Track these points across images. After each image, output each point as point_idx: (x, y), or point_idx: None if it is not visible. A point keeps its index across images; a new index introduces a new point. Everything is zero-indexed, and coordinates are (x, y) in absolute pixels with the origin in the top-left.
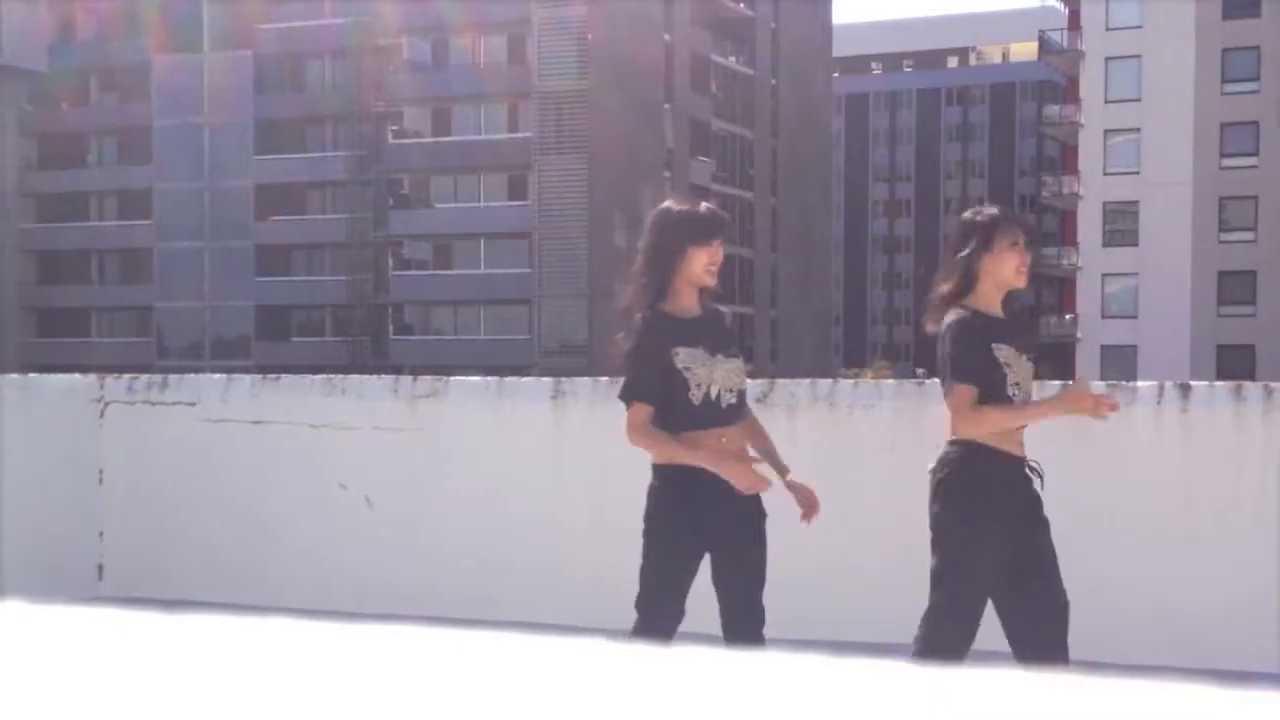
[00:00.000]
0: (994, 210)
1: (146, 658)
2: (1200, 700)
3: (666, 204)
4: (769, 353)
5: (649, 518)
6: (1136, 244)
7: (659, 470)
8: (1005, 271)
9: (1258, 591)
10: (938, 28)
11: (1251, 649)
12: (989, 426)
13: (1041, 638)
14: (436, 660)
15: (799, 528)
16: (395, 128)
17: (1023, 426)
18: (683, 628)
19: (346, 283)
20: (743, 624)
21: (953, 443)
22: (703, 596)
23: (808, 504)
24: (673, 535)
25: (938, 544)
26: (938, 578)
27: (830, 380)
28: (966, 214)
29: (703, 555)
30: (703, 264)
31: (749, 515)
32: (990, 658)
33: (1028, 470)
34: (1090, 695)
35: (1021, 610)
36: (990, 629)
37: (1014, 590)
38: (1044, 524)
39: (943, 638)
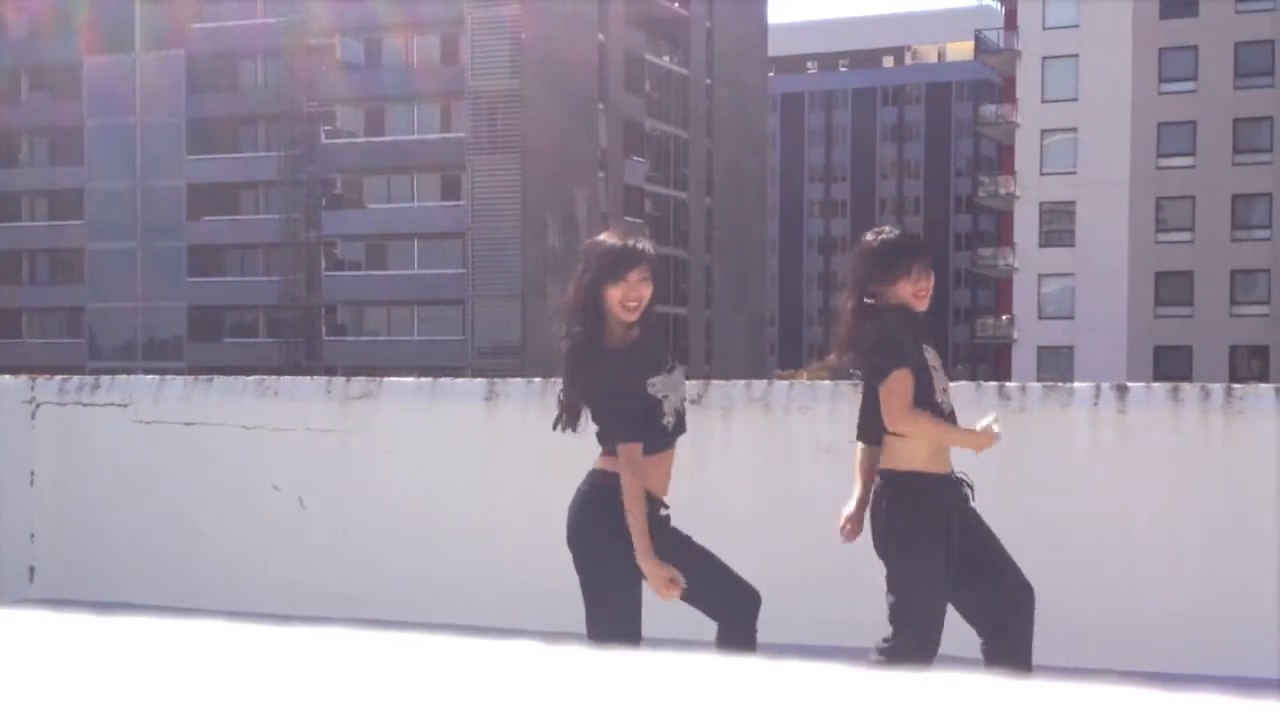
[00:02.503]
0: (892, 235)
1: (78, 659)
2: (1140, 703)
3: (598, 237)
4: (703, 354)
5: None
6: (1073, 244)
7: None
8: (904, 295)
9: (1196, 593)
10: (873, 27)
11: (1190, 651)
12: (920, 431)
13: (1009, 622)
14: (369, 662)
15: (733, 530)
16: (328, 128)
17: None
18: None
19: (279, 283)
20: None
21: (891, 473)
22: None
23: None
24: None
25: (897, 584)
26: (900, 616)
27: (765, 382)
28: (868, 237)
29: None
30: (618, 300)
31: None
32: (948, 662)
33: (957, 483)
34: (1046, 699)
35: (981, 598)
36: (952, 636)
37: (969, 585)
38: (977, 518)
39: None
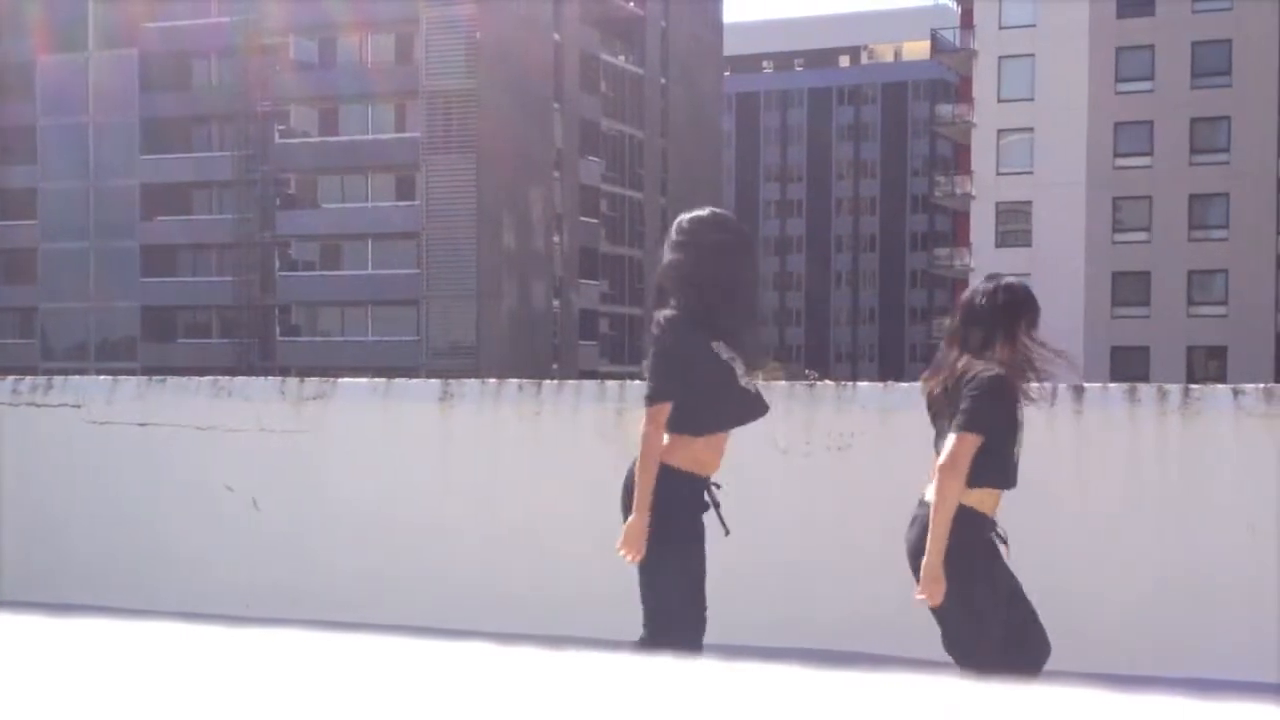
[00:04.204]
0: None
1: (30, 661)
2: (1094, 704)
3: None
4: None
5: (666, 523)
6: (1030, 244)
7: (676, 473)
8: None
9: (1150, 594)
10: (829, 26)
11: (1148, 652)
12: (950, 494)
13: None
14: (323, 663)
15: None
16: (282, 127)
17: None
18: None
19: (233, 284)
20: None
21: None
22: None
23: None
24: (693, 540)
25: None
26: (965, 655)
27: None
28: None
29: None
30: None
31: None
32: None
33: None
34: (1003, 701)
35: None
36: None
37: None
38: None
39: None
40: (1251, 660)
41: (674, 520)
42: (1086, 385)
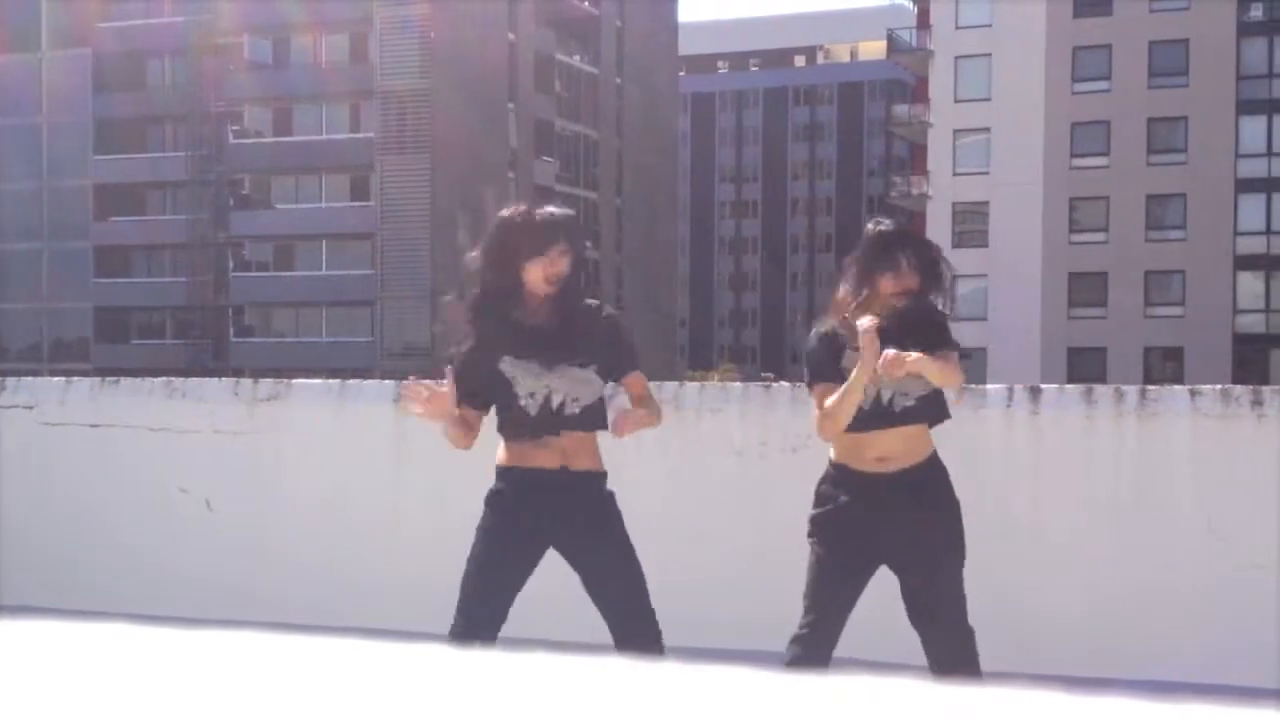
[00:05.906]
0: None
1: None
2: (1050, 707)
3: (506, 212)
4: None
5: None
6: (986, 245)
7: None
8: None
9: (1107, 596)
10: (785, 26)
11: (1101, 654)
12: (825, 422)
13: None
14: (275, 666)
15: (644, 534)
16: (236, 127)
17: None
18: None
19: (187, 284)
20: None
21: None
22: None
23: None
24: (492, 534)
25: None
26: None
27: (676, 383)
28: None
29: (529, 557)
30: (539, 276)
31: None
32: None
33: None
34: (961, 703)
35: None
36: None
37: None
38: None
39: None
40: (1210, 662)
41: (484, 510)
42: (1043, 387)
